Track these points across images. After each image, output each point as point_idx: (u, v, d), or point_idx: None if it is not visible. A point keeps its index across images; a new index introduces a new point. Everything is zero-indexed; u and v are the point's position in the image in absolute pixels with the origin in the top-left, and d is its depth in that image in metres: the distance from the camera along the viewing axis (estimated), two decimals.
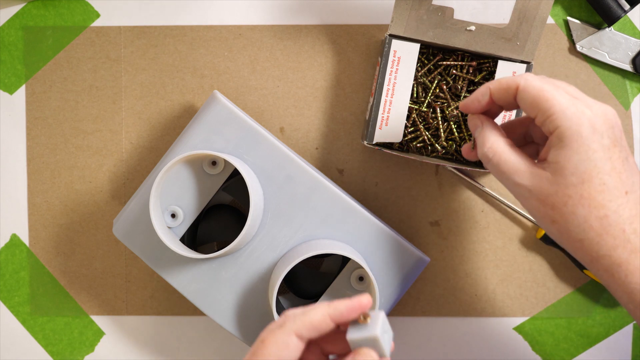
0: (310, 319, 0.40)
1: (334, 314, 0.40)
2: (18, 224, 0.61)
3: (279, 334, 0.40)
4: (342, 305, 0.40)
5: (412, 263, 0.54)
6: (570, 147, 0.40)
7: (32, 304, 0.61)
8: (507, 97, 0.44)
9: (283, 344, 0.39)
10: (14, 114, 0.61)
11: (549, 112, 0.41)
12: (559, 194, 0.40)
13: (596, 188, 0.40)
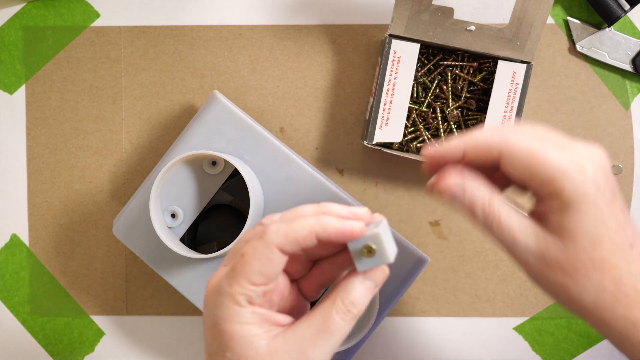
0: (295, 234, 0.36)
1: (321, 234, 0.36)
2: (18, 224, 0.61)
3: (260, 247, 0.36)
4: (332, 227, 0.36)
5: (412, 263, 0.54)
6: (579, 211, 0.36)
7: (32, 304, 0.61)
8: (485, 161, 0.38)
9: (266, 259, 0.36)
10: (14, 114, 0.61)
11: (546, 177, 0.36)
12: (570, 260, 0.37)
13: (608, 249, 0.37)
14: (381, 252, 0.36)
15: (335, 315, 0.36)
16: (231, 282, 0.36)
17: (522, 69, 0.54)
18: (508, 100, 0.55)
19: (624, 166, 0.59)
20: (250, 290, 0.36)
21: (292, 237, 0.36)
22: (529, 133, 0.38)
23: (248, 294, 0.36)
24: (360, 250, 0.37)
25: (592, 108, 0.59)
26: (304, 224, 0.36)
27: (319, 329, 0.37)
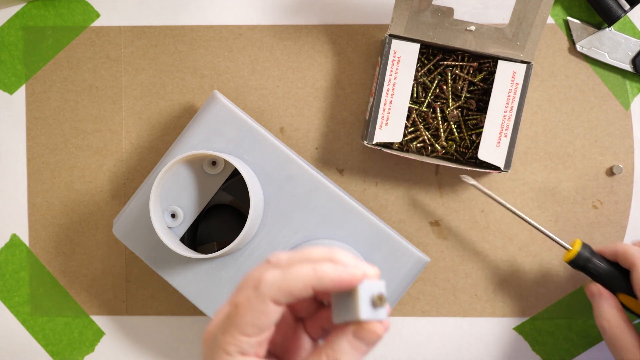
0: (289, 286, 0.35)
1: (318, 287, 0.35)
2: (18, 224, 0.61)
3: (254, 300, 0.35)
4: (328, 279, 0.35)
5: (412, 263, 0.54)
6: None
7: (32, 304, 0.61)
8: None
9: (259, 312, 0.35)
10: (14, 114, 0.61)
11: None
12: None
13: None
14: (357, 305, 0.34)
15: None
16: (224, 332, 0.35)
17: (522, 69, 0.54)
18: (508, 100, 0.55)
19: (624, 166, 0.59)
20: (243, 342, 0.35)
21: (287, 290, 0.35)
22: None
23: (240, 346, 0.35)
24: (340, 298, 0.35)
25: (592, 108, 0.59)
26: (299, 276, 0.35)
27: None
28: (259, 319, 0.35)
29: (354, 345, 0.35)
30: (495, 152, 0.55)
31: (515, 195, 0.60)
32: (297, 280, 0.35)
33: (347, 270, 0.35)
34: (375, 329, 0.35)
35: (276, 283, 0.35)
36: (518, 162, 0.59)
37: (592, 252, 0.54)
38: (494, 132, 0.55)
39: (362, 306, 0.34)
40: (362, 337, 0.35)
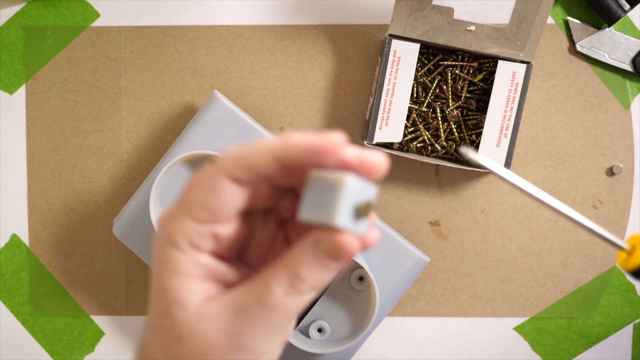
0: (251, 157, 0.28)
1: (282, 156, 0.28)
2: (18, 224, 0.61)
3: (207, 174, 0.28)
4: (295, 145, 0.27)
5: (412, 263, 0.54)
6: None
7: (32, 304, 0.61)
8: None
9: (210, 189, 0.28)
10: (14, 114, 0.61)
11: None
12: None
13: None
14: (334, 205, 0.26)
15: (275, 288, 0.28)
16: (172, 217, 0.29)
17: (522, 69, 0.54)
18: (508, 100, 0.55)
19: (624, 166, 0.59)
20: (192, 229, 0.28)
21: (246, 162, 0.28)
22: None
23: (189, 235, 0.28)
24: (317, 190, 0.27)
25: (592, 108, 0.59)
26: (262, 145, 0.28)
27: (255, 300, 0.28)
28: (210, 197, 0.28)
29: (317, 257, 0.27)
30: (495, 152, 0.55)
31: (515, 195, 0.60)
32: (259, 150, 0.28)
33: (321, 136, 0.27)
34: (346, 243, 0.27)
35: (234, 154, 0.28)
36: (518, 162, 0.59)
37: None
38: (494, 132, 0.55)
39: (340, 209, 0.26)
40: (328, 249, 0.27)
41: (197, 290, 0.29)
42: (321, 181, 0.27)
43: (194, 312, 0.28)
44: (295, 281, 0.28)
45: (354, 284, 0.54)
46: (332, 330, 0.55)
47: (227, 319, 0.28)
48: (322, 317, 0.55)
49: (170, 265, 0.29)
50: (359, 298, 0.54)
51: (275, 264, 0.28)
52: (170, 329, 0.29)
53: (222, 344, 0.28)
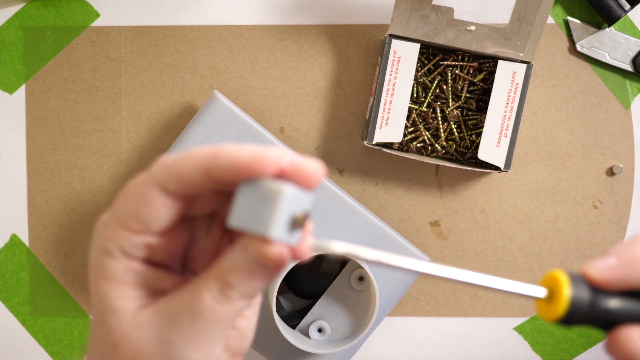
0: (180, 168, 0.27)
1: (212, 168, 0.26)
2: (18, 224, 0.61)
3: (140, 184, 0.27)
4: (225, 157, 0.26)
5: None
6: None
7: (32, 304, 0.61)
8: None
9: (141, 199, 0.27)
10: (14, 114, 0.61)
11: None
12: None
13: None
14: (270, 215, 0.26)
15: (205, 294, 0.27)
16: (106, 224, 0.28)
17: (522, 69, 0.54)
18: (508, 100, 0.55)
19: (624, 166, 0.59)
20: (124, 238, 0.27)
21: (175, 173, 0.27)
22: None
23: (121, 243, 0.28)
24: (250, 197, 0.26)
25: (592, 108, 0.59)
26: (192, 156, 0.27)
27: (185, 306, 0.27)
28: (140, 208, 0.27)
29: (246, 265, 0.27)
30: (495, 152, 0.55)
31: (515, 195, 0.60)
32: (188, 162, 0.27)
33: (254, 150, 0.26)
34: (276, 253, 0.26)
35: (165, 164, 0.27)
36: (518, 162, 0.59)
37: (590, 291, 0.29)
38: (494, 132, 0.55)
39: (276, 220, 0.26)
40: (257, 259, 0.26)
41: (131, 297, 0.28)
42: (255, 188, 0.26)
43: (128, 320, 0.28)
44: (224, 288, 0.27)
45: (354, 284, 0.54)
46: (332, 330, 0.55)
47: (157, 326, 0.27)
48: (322, 317, 0.55)
49: (104, 272, 0.28)
50: (359, 298, 0.54)
51: (206, 271, 0.28)
52: (106, 337, 0.28)
53: (153, 353, 0.27)
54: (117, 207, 0.28)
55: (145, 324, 0.28)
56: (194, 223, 0.30)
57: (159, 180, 0.27)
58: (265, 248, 0.26)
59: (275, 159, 0.26)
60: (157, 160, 0.28)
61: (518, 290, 0.30)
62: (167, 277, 0.29)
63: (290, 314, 0.58)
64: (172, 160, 0.27)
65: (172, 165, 0.27)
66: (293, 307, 0.58)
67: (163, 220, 0.28)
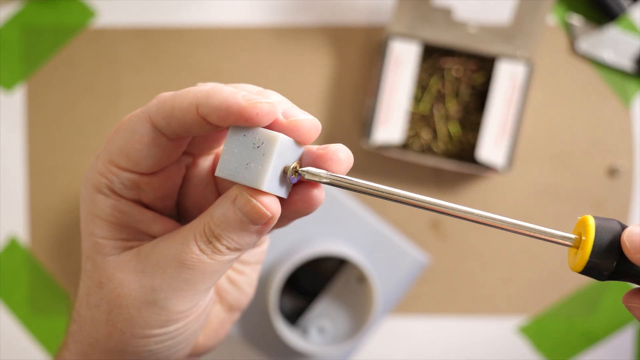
0: (173, 104, 0.26)
1: (204, 106, 0.25)
2: (18, 224, 0.61)
3: (133, 118, 0.26)
4: (217, 97, 0.25)
5: (412, 263, 0.54)
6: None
7: (32, 304, 0.61)
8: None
9: (131, 134, 0.26)
10: (14, 114, 0.61)
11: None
12: None
13: None
14: (262, 165, 0.24)
15: (192, 245, 0.26)
16: (97, 157, 0.27)
17: (522, 69, 0.54)
18: (508, 100, 0.55)
19: (624, 166, 0.59)
20: (113, 174, 0.27)
21: (168, 108, 0.25)
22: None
23: (108, 179, 0.27)
24: (241, 145, 0.25)
25: (592, 108, 0.59)
26: (188, 93, 0.26)
27: (172, 255, 0.26)
28: (130, 144, 0.26)
29: (236, 219, 0.25)
30: (494, 152, 0.55)
31: (515, 195, 0.60)
32: (184, 96, 0.25)
33: (249, 97, 0.25)
34: (268, 206, 0.25)
35: (161, 98, 0.26)
36: (518, 162, 0.59)
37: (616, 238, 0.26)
38: (494, 132, 0.55)
39: (269, 170, 0.25)
40: (248, 213, 0.25)
41: (116, 237, 0.27)
42: (246, 135, 0.25)
43: (113, 260, 0.27)
44: (212, 240, 0.26)
45: (354, 284, 0.54)
46: (332, 330, 0.55)
47: (142, 271, 0.27)
48: (322, 316, 0.55)
49: (92, 208, 0.27)
50: (359, 298, 0.54)
51: (196, 219, 0.26)
52: (92, 273, 0.28)
53: (136, 297, 0.27)
54: (110, 140, 0.27)
55: (129, 267, 0.27)
56: (193, 165, 0.29)
57: (152, 116, 0.26)
58: (254, 202, 0.25)
59: (270, 109, 0.25)
60: (159, 95, 0.27)
61: (546, 235, 0.27)
62: (157, 221, 0.28)
63: (290, 313, 0.58)
64: (168, 95, 0.26)
65: (167, 100, 0.26)
66: (293, 306, 0.58)
67: (151, 159, 0.26)
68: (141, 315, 0.27)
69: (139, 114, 0.26)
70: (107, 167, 0.26)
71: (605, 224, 0.26)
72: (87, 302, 0.29)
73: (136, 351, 0.28)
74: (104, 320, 0.28)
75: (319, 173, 0.26)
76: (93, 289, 0.28)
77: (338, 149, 0.26)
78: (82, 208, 0.28)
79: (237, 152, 0.25)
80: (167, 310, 0.27)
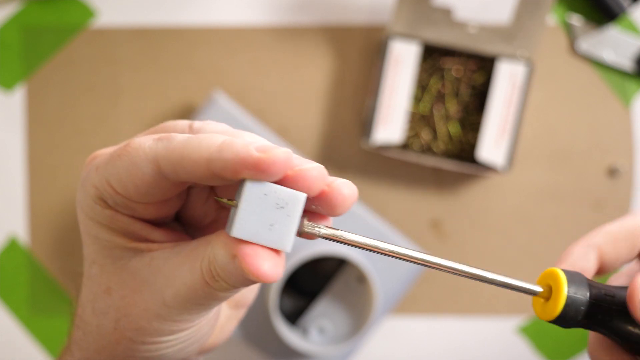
0: (181, 156, 0.24)
1: (215, 162, 0.24)
2: (18, 224, 0.61)
3: (139, 149, 0.25)
4: (232, 151, 0.23)
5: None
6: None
7: (32, 304, 0.61)
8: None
9: (131, 167, 0.25)
10: (14, 114, 0.61)
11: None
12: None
13: None
14: (286, 226, 0.24)
15: (200, 275, 0.25)
16: (96, 169, 0.27)
17: (522, 69, 0.54)
18: (508, 100, 0.55)
19: (624, 166, 0.59)
20: (105, 191, 0.26)
21: (177, 157, 0.24)
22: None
23: (102, 194, 0.26)
24: (257, 203, 0.24)
25: (592, 108, 0.59)
26: (201, 147, 0.24)
27: (184, 281, 0.25)
28: (129, 176, 0.25)
29: (238, 273, 0.24)
30: (495, 152, 0.55)
31: (515, 195, 0.60)
32: (194, 149, 0.24)
33: (261, 148, 0.23)
34: (266, 278, 0.24)
35: (171, 147, 0.25)
36: (518, 162, 0.59)
37: (592, 288, 0.28)
38: (493, 132, 0.55)
39: (293, 233, 0.24)
40: (249, 276, 0.24)
41: (123, 242, 0.27)
42: (268, 195, 0.24)
43: (123, 265, 0.27)
44: (218, 279, 0.25)
45: (354, 284, 0.54)
46: (332, 330, 0.55)
47: (154, 283, 0.26)
48: (322, 316, 0.55)
49: (91, 214, 0.27)
50: (359, 298, 0.54)
51: (202, 246, 0.26)
52: (99, 279, 0.27)
53: (148, 309, 0.26)
54: (112, 162, 0.26)
55: (141, 276, 0.26)
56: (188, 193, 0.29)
57: (159, 159, 0.25)
58: (255, 273, 0.23)
59: (286, 157, 0.23)
60: (166, 134, 0.26)
61: (514, 284, 0.28)
62: (157, 230, 0.27)
63: (290, 313, 0.58)
64: (179, 143, 0.25)
65: (176, 148, 0.24)
66: (293, 306, 0.58)
67: (150, 196, 0.26)
68: (152, 326, 0.27)
69: (146, 149, 0.25)
70: (103, 185, 0.26)
71: (574, 276, 0.28)
72: (93, 308, 0.28)
73: (146, 356, 0.28)
74: (111, 327, 0.27)
75: (318, 231, 0.25)
76: (100, 295, 0.28)
77: (309, 171, 0.24)
78: (81, 212, 0.28)
79: (258, 213, 0.24)
80: (179, 322, 0.27)
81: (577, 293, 0.27)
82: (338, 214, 0.25)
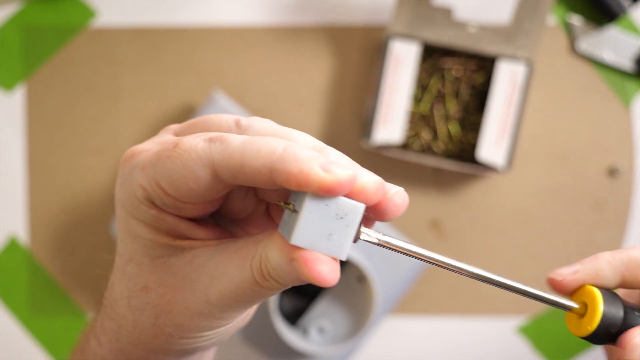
0: (241, 164, 0.24)
1: (280, 172, 0.23)
2: (18, 224, 0.61)
3: (192, 152, 0.25)
4: (295, 165, 0.23)
5: (412, 263, 0.54)
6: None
7: (32, 304, 0.61)
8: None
9: (186, 171, 0.25)
10: (14, 114, 0.61)
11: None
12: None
13: None
14: (344, 236, 0.24)
15: (250, 273, 0.26)
16: (142, 169, 0.26)
17: (522, 69, 0.54)
18: (508, 100, 0.55)
19: (624, 166, 0.59)
20: (154, 192, 0.26)
21: (236, 163, 0.24)
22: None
23: (151, 195, 0.26)
24: (318, 214, 0.24)
25: (592, 108, 0.59)
26: (261, 154, 0.24)
27: (231, 279, 0.26)
28: (183, 179, 0.25)
29: (293, 274, 0.25)
30: (495, 152, 0.55)
31: (515, 195, 0.60)
32: (254, 156, 0.24)
33: (326, 166, 0.23)
34: (325, 282, 0.24)
35: (228, 151, 0.24)
36: (518, 162, 0.59)
37: (626, 307, 0.30)
38: (493, 132, 0.55)
39: (350, 243, 0.25)
40: (303, 277, 0.24)
41: (164, 240, 0.27)
42: (329, 206, 0.24)
43: (163, 262, 0.27)
44: (269, 278, 0.25)
45: (354, 284, 0.54)
46: (332, 330, 0.55)
47: (197, 281, 0.26)
48: (322, 316, 0.55)
49: (134, 213, 0.27)
50: (359, 298, 0.54)
51: (251, 245, 0.26)
52: (136, 276, 0.27)
53: (189, 307, 0.27)
54: (161, 162, 0.25)
55: (182, 273, 0.26)
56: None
57: (216, 164, 0.25)
58: (315, 275, 0.24)
59: (349, 180, 0.23)
60: (218, 134, 0.25)
61: (551, 299, 0.31)
62: (199, 228, 0.28)
63: (290, 313, 0.58)
64: (236, 147, 0.24)
65: (234, 153, 0.24)
66: (293, 306, 0.58)
67: (203, 197, 0.26)
68: (193, 323, 0.27)
69: (199, 152, 0.25)
70: (152, 186, 0.26)
71: (608, 295, 0.29)
72: (129, 304, 0.28)
73: (183, 349, 0.28)
74: (149, 323, 0.28)
75: (374, 239, 0.26)
76: (136, 292, 0.28)
77: (369, 184, 0.25)
78: (122, 210, 0.27)
79: (318, 222, 0.24)
80: (221, 319, 0.27)
81: (612, 311, 0.29)
82: (388, 220, 0.26)
